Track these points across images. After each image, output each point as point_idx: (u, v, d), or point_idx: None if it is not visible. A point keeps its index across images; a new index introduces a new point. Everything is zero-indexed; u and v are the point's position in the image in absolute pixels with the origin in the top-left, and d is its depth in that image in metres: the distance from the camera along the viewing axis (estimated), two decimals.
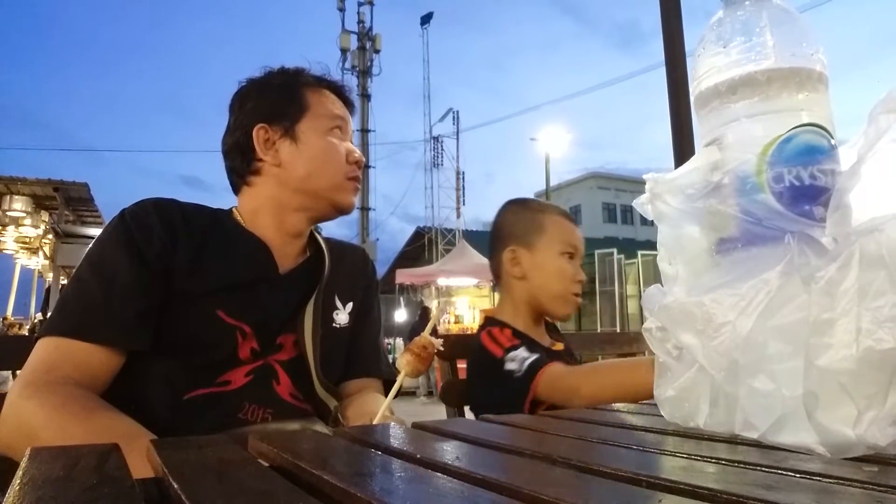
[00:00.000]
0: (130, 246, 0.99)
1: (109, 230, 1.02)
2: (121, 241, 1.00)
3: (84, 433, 0.81)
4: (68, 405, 0.86)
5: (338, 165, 1.15)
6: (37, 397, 0.86)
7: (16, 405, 0.87)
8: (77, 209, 13.44)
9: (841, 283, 0.49)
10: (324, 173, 1.13)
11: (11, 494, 0.36)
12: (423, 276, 14.60)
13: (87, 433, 0.81)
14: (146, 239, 1.00)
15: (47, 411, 0.85)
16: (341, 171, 1.15)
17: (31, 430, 0.85)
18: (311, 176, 1.13)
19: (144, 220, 1.01)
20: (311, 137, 1.14)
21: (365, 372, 1.23)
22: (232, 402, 1.01)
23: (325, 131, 1.15)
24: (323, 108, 1.17)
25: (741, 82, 0.64)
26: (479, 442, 0.57)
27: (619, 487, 0.39)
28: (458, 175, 20.51)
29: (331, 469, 0.44)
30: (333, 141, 1.16)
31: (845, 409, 0.49)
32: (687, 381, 0.63)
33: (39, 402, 0.86)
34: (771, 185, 0.61)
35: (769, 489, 0.39)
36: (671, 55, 3.65)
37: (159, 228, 1.01)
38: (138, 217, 1.02)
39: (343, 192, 1.16)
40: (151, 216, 1.02)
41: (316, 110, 1.16)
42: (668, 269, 0.69)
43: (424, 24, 21.91)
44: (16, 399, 0.87)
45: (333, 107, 1.19)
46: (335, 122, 1.17)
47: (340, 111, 1.20)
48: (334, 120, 1.17)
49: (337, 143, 1.16)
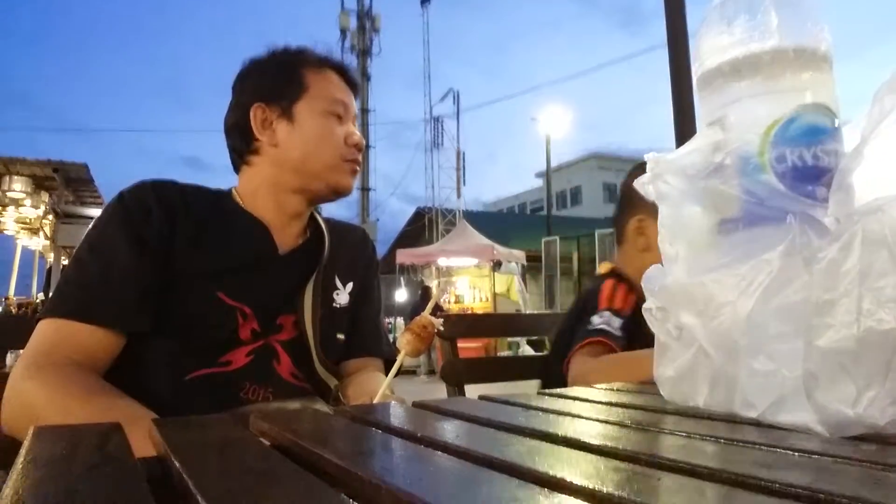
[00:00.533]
0: (129, 227, 0.99)
1: (108, 212, 1.02)
2: (119, 222, 1.00)
3: (86, 414, 0.82)
4: (70, 386, 0.86)
5: (334, 147, 1.13)
6: (38, 378, 0.87)
7: (18, 386, 0.88)
8: (77, 190, 13.41)
9: (842, 263, 0.49)
10: (319, 155, 1.12)
11: (15, 473, 0.36)
12: (424, 256, 14.60)
13: (89, 414, 0.82)
14: (145, 220, 1.00)
15: (49, 392, 0.86)
16: (338, 153, 1.13)
17: (33, 411, 0.85)
18: (306, 157, 1.12)
19: (143, 202, 1.01)
20: (307, 118, 1.12)
21: (365, 351, 1.24)
22: (233, 382, 1.01)
23: (323, 113, 1.14)
24: (322, 90, 1.15)
25: (744, 62, 0.64)
26: (480, 421, 0.57)
27: (618, 466, 0.39)
28: (459, 155, 20.42)
29: (332, 448, 0.44)
30: (331, 122, 1.14)
31: (845, 389, 0.49)
32: (687, 362, 0.63)
33: (41, 383, 0.86)
34: (773, 166, 0.61)
35: (768, 468, 0.39)
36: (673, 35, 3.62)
37: (158, 210, 1.01)
38: (137, 198, 1.02)
39: (339, 174, 1.15)
40: (150, 197, 1.02)
41: (314, 91, 1.14)
42: (669, 250, 0.69)
43: (424, 3, 21.71)
44: (18, 380, 0.88)
45: (334, 88, 1.17)
46: (334, 105, 1.15)
47: (341, 93, 1.18)
48: (333, 102, 1.15)
49: (334, 124, 1.15)
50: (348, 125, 1.17)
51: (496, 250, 13.60)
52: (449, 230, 17.19)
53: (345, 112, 1.17)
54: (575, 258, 15.82)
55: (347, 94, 1.20)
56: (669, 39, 3.62)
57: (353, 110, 1.20)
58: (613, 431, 0.53)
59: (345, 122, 1.17)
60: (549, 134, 18.86)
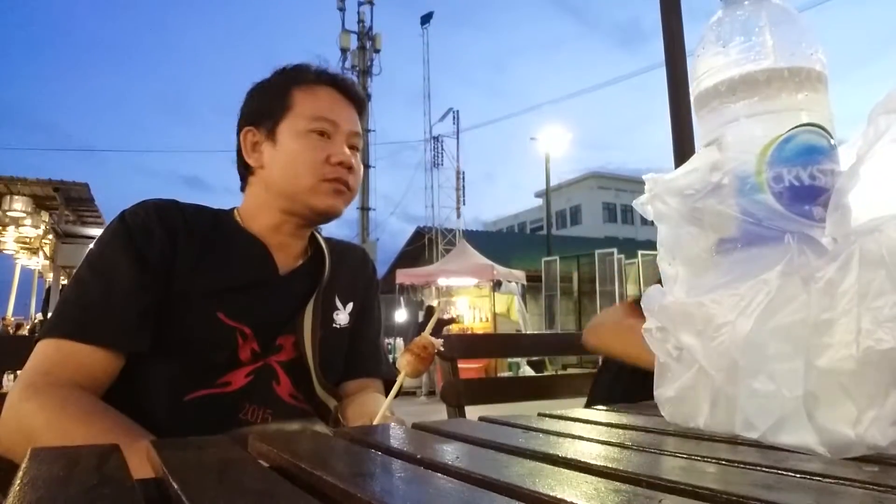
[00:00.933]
0: (130, 247, 0.99)
1: (109, 232, 1.02)
2: (121, 242, 0.99)
3: (84, 435, 0.81)
4: (68, 407, 0.86)
5: (311, 167, 1.08)
6: (37, 399, 0.86)
7: (16, 407, 0.87)
8: (77, 209, 13.43)
9: (841, 283, 0.49)
10: (297, 176, 1.08)
11: (12, 495, 0.36)
12: (424, 276, 14.60)
13: (88, 435, 0.81)
14: (146, 240, 1.00)
15: (47, 414, 0.85)
16: (317, 174, 1.08)
17: (32, 432, 0.84)
18: (286, 179, 1.09)
19: (145, 222, 1.01)
20: (287, 139, 1.09)
21: (365, 372, 1.23)
22: (232, 403, 1.01)
23: (303, 132, 1.09)
24: (306, 108, 1.11)
25: (741, 82, 0.64)
26: (480, 442, 0.57)
27: (619, 487, 0.39)
28: (459, 175, 20.51)
29: (331, 470, 0.44)
30: (311, 141, 1.09)
31: (845, 410, 0.49)
32: (687, 382, 0.63)
33: (40, 404, 0.86)
34: (771, 186, 0.61)
35: (769, 489, 0.39)
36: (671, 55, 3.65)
37: (160, 230, 1.01)
38: (139, 218, 1.02)
39: (319, 196, 1.09)
40: (152, 218, 1.02)
41: (298, 110, 1.11)
42: (668, 269, 0.69)
43: (424, 23, 21.92)
44: (16, 401, 0.87)
45: (320, 105, 1.12)
46: (316, 122, 1.10)
47: (328, 110, 1.12)
48: (315, 120, 1.10)
49: (316, 143, 1.09)
50: (335, 142, 1.11)
51: (496, 270, 13.60)
52: (449, 250, 17.22)
53: (333, 129, 1.11)
54: (575, 278, 15.82)
55: (340, 109, 1.14)
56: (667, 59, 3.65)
57: (345, 126, 1.13)
58: (614, 453, 0.53)
59: (333, 138, 1.11)
60: (549, 153, 18.96)
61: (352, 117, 1.16)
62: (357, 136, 1.16)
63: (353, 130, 1.15)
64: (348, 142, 1.13)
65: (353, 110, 1.18)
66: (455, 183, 20.45)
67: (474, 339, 3.19)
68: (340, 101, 1.16)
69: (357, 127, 1.17)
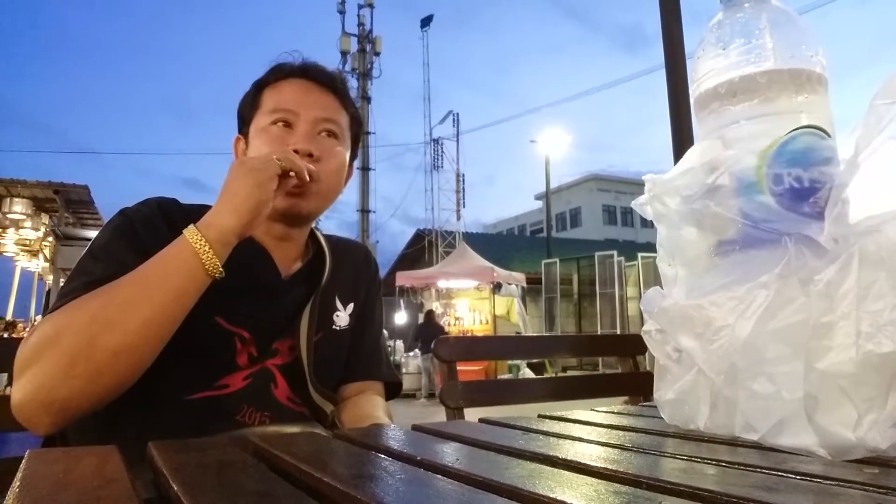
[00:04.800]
0: (135, 240, 0.96)
1: (111, 225, 0.99)
2: (124, 234, 0.97)
3: (129, 282, 0.82)
4: (85, 299, 0.83)
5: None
6: (40, 326, 0.82)
7: (25, 352, 0.80)
8: (77, 211, 13.42)
9: (840, 285, 0.49)
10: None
11: (11, 496, 0.35)
12: (424, 278, 14.60)
13: (127, 284, 0.82)
14: (151, 235, 0.97)
15: (64, 316, 0.81)
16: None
17: (56, 346, 0.79)
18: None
19: (149, 218, 0.99)
20: (253, 137, 1.07)
21: (364, 374, 1.22)
22: (230, 405, 1.00)
23: (265, 127, 1.05)
24: (269, 103, 1.07)
25: (741, 84, 0.64)
26: (479, 444, 0.57)
27: (619, 489, 0.39)
28: (459, 177, 20.52)
29: (331, 471, 0.44)
30: (269, 135, 1.04)
31: (845, 412, 0.49)
32: (687, 384, 0.62)
33: (54, 320, 0.81)
34: (771, 187, 0.61)
35: (770, 491, 0.39)
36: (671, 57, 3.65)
37: (164, 228, 0.99)
38: (143, 214, 1.00)
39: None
40: (156, 215, 1.00)
41: (263, 108, 1.07)
42: (668, 270, 0.69)
43: (424, 26, 21.94)
44: (21, 352, 0.81)
45: (281, 97, 1.07)
46: (275, 114, 1.05)
47: (288, 101, 1.06)
48: (273, 112, 1.05)
49: (274, 135, 1.04)
50: (296, 132, 1.04)
51: (496, 272, 13.60)
52: (449, 252, 17.21)
53: (294, 118, 1.05)
54: (575, 280, 15.81)
55: (305, 97, 1.07)
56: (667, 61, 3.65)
57: (310, 113, 1.05)
58: (614, 454, 0.53)
59: (295, 128, 1.05)
60: (549, 156, 18.98)
61: (322, 103, 1.09)
62: (330, 122, 1.08)
63: (321, 116, 1.07)
64: (317, 128, 1.07)
65: (329, 96, 1.11)
66: (455, 185, 20.47)
67: (474, 342, 3.18)
68: (310, 88, 1.10)
69: (330, 113, 1.09)
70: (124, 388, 0.83)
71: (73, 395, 0.79)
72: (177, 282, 0.86)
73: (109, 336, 0.80)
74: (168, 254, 0.87)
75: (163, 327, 0.85)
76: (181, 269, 0.86)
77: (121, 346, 0.81)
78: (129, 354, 0.82)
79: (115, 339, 0.80)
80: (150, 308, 0.83)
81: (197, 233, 0.88)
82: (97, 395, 0.81)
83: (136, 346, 0.82)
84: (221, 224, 0.89)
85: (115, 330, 0.80)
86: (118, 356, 0.81)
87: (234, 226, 0.90)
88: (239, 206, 0.91)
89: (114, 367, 0.81)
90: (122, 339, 0.81)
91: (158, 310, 0.84)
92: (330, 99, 1.11)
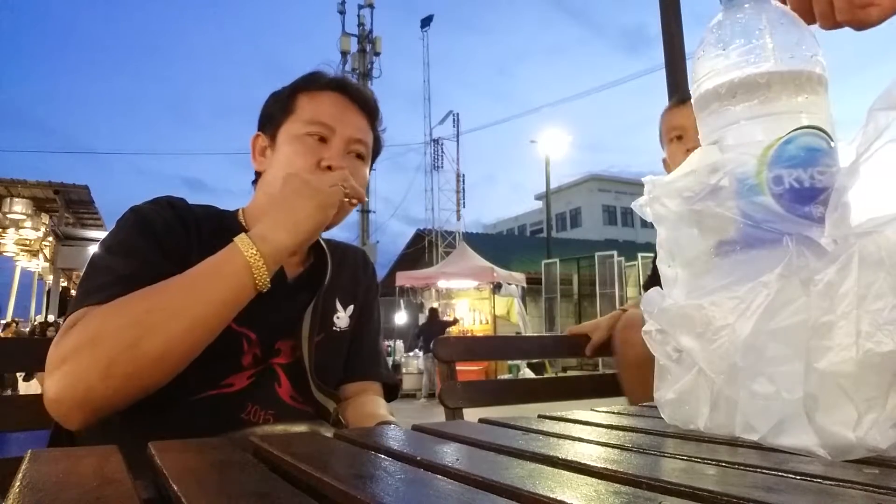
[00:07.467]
0: (150, 235, 0.96)
1: (128, 224, 0.98)
2: (144, 233, 0.96)
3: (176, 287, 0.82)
4: (126, 299, 0.82)
5: (300, 171, 1.03)
6: (78, 325, 0.82)
7: (58, 349, 0.80)
8: (77, 212, 13.44)
9: (840, 285, 0.49)
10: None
11: (11, 496, 0.35)
12: (424, 278, 14.60)
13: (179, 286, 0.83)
14: (166, 232, 0.97)
15: (106, 310, 0.81)
16: None
17: (96, 345, 0.79)
18: (275, 182, 1.03)
19: (162, 216, 0.99)
20: (283, 143, 1.08)
21: (363, 375, 1.23)
22: (235, 404, 1.01)
23: (298, 136, 1.07)
24: (306, 112, 1.09)
25: (740, 85, 0.64)
26: (479, 444, 0.57)
27: (619, 489, 0.39)
28: (459, 177, 20.53)
29: (331, 471, 0.44)
30: (304, 145, 1.07)
31: (846, 412, 0.49)
32: (687, 384, 0.63)
33: (84, 324, 0.81)
34: (771, 188, 0.61)
35: (770, 491, 0.39)
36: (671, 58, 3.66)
37: (178, 226, 0.99)
38: (156, 212, 0.99)
39: None
40: (168, 213, 1.00)
41: (298, 114, 1.09)
42: (668, 271, 0.69)
43: (424, 26, 21.97)
44: (55, 347, 0.81)
45: (321, 109, 1.09)
46: (312, 126, 1.07)
47: (326, 115, 1.08)
48: (312, 123, 1.07)
49: (308, 147, 1.06)
50: (331, 147, 1.08)
51: (496, 272, 13.61)
52: (449, 252, 17.22)
53: (330, 133, 1.08)
54: (575, 280, 15.83)
55: (342, 114, 1.10)
56: (667, 62, 3.65)
57: (346, 132, 1.09)
58: (614, 454, 0.53)
59: (329, 143, 1.08)
60: (549, 156, 18.99)
61: (356, 123, 1.12)
62: (361, 144, 1.12)
63: (354, 137, 1.10)
64: (349, 148, 1.10)
65: (362, 117, 1.14)
66: (455, 185, 20.48)
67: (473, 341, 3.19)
68: (347, 106, 1.13)
69: (362, 134, 1.12)
70: (158, 388, 0.84)
71: (109, 395, 0.80)
72: (225, 293, 0.86)
73: (152, 341, 0.81)
74: (218, 262, 0.87)
75: (205, 335, 0.86)
76: (230, 281, 0.86)
77: (163, 352, 0.81)
78: (169, 359, 0.83)
79: (158, 344, 0.81)
80: (194, 316, 0.84)
81: (252, 245, 0.87)
82: (133, 395, 0.82)
83: (178, 352, 0.83)
84: (277, 240, 0.90)
85: (158, 335, 0.81)
86: (158, 361, 0.82)
87: (289, 244, 0.91)
88: (298, 224, 0.92)
89: (152, 371, 0.82)
90: (164, 345, 0.81)
91: (203, 319, 0.85)
92: (363, 121, 1.14)
